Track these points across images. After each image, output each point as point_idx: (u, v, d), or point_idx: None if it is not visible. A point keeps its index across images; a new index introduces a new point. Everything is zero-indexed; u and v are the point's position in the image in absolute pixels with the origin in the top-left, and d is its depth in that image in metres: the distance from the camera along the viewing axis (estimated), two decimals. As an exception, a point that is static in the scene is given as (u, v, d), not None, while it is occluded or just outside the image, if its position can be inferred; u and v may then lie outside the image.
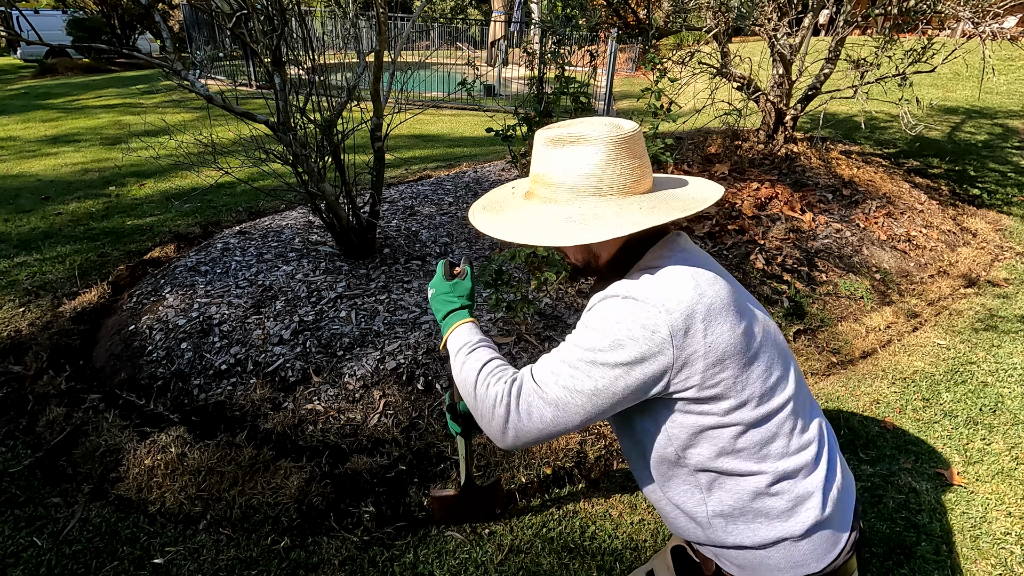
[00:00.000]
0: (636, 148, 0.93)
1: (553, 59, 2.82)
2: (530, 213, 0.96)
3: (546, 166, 0.95)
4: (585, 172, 0.91)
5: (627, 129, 0.92)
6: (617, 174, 0.91)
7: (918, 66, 4.12)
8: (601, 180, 0.91)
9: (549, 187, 0.95)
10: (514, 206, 1.00)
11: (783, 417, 0.92)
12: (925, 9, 3.85)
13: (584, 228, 0.89)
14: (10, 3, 7.96)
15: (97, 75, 12.99)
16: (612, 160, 0.91)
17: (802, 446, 0.94)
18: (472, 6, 25.80)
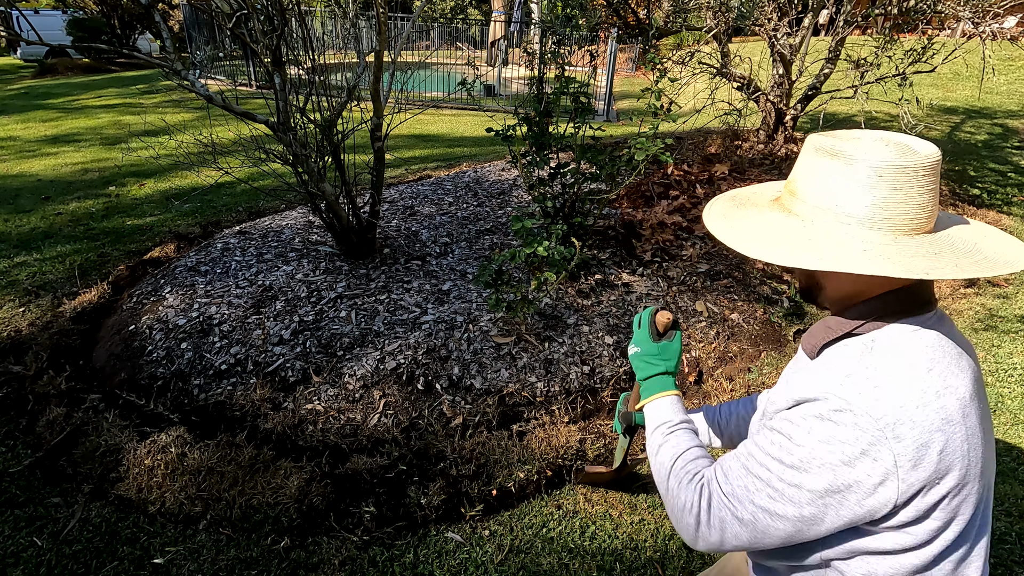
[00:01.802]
0: (907, 180, 0.75)
1: (553, 59, 2.82)
2: (761, 220, 0.85)
3: (799, 173, 0.83)
4: (832, 192, 0.78)
5: (899, 159, 0.74)
6: (868, 203, 0.75)
7: (918, 66, 4.12)
8: (845, 205, 0.77)
9: (792, 196, 0.84)
10: (756, 206, 0.90)
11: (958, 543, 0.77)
12: (925, 9, 3.85)
13: (790, 248, 0.78)
14: (10, 3, 7.96)
15: (97, 75, 12.99)
16: (867, 187, 0.75)
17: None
18: (472, 6, 25.81)
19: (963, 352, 0.79)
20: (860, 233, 0.76)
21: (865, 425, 0.71)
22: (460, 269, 2.96)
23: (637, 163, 2.64)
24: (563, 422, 2.10)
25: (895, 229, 0.76)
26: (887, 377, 0.73)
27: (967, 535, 0.76)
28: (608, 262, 3.07)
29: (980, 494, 0.76)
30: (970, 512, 0.75)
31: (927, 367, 0.74)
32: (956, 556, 0.77)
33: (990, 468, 0.79)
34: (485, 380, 2.24)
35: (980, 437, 0.75)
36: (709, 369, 2.51)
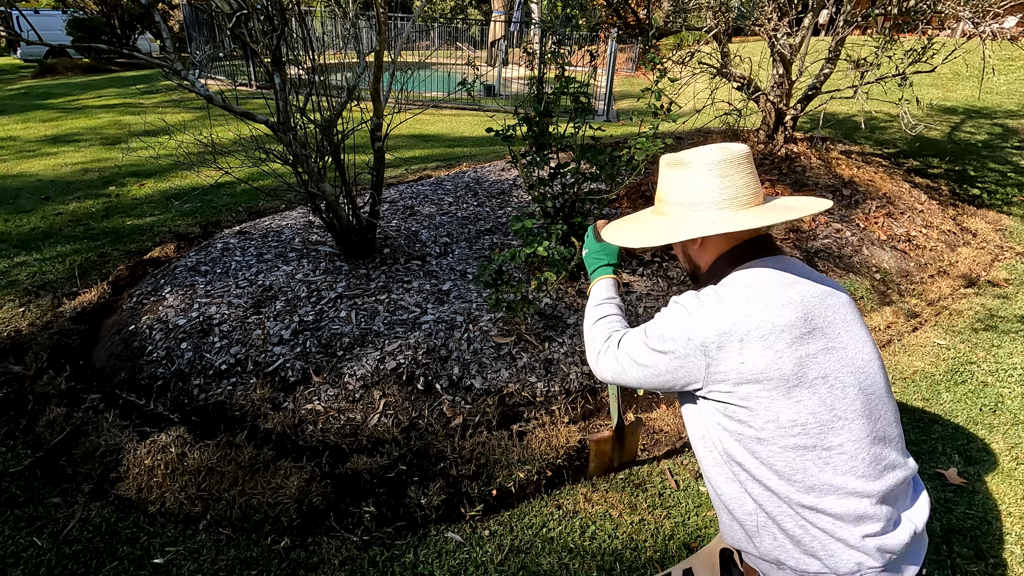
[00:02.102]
0: (728, 168, 1.04)
1: (553, 59, 2.81)
2: (642, 223, 1.16)
3: (660, 183, 1.13)
4: (684, 190, 1.07)
5: (719, 155, 1.04)
6: (708, 190, 1.04)
7: (918, 66, 4.12)
8: (694, 196, 1.06)
9: (660, 202, 1.13)
10: (639, 219, 1.20)
11: (838, 456, 0.93)
12: (925, 9, 3.85)
13: (665, 232, 1.07)
14: (10, 3, 7.96)
15: (97, 75, 12.99)
16: (703, 179, 1.05)
17: (862, 493, 0.92)
18: (472, 6, 25.80)
19: (798, 279, 1.01)
20: (710, 214, 1.05)
21: (688, 316, 1.00)
22: (460, 269, 2.96)
23: (637, 163, 2.64)
24: (563, 422, 2.10)
25: (732, 206, 1.04)
26: (719, 291, 1.02)
27: (832, 438, 0.93)
28: (608, 262, 3.07)
29: (831, 404, 0.93)
30: (826, 416, 0.93)
31: (746, 285, 0.99)
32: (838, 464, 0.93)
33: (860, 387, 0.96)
34: (485, 380, 2.24)
35: (805, 347, 0.94)
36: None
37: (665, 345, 1.01)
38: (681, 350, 0.98)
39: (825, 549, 0.93)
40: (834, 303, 1.00)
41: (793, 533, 0.95)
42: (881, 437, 0.96)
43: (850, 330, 0.99)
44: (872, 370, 0.98)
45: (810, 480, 0.93)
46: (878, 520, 0.92)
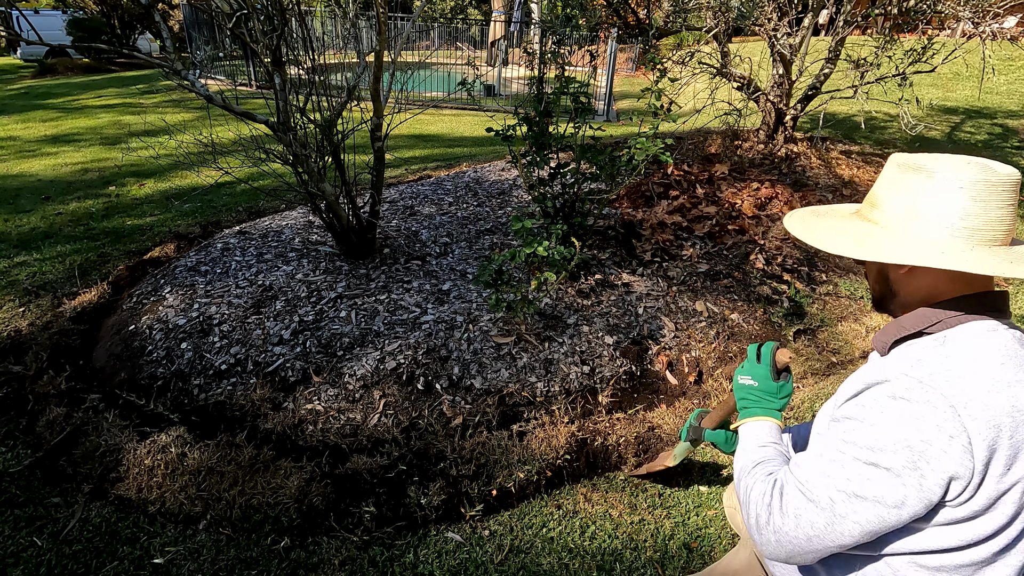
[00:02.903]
0: (985, 193, 0.79)
1: (553, 59, 2.82)
2: (842, 225, 0.91)
3: (881, 186, 0.89)
4: (913, 202, 0.82)
5: (979, 174, 0.78)
6: (947, 213, 0.79)
7: (918, 66, 4.12)
8: (926, 213, 0.81)
9: (872, 207, 0.89)
10: (835, 217, 0.95)
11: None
12: (925, 9, 3.85)
13: (874, 245, 0.82)
14: (10, 3, 7.96)
15: (97, 75, 12.99)
16: (946, 198, 0.79)
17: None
18: (472, 6, 25.80)
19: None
20: (939, 239, 0.80)
21: (938, 402, 0.71)
22: (460, 269, 2.96)
23: (637, 163, 2.64)
24: (563, 422, 2.10)
25: (972, 239, 0.79)
26: (959, 363, 0.74)
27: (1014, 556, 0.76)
28: (608, 262, 3.07)
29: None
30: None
31: (1000, 360, 0.75)
32: (1011, 554, 0.77)
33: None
34: (485, 380, 2.24)
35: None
36: (709, 369, 2.51)
37: (904, 457, 0.72)
38: (942, 455, 0.71)
39: None
40: None
41: None
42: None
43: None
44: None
45: None
46: None
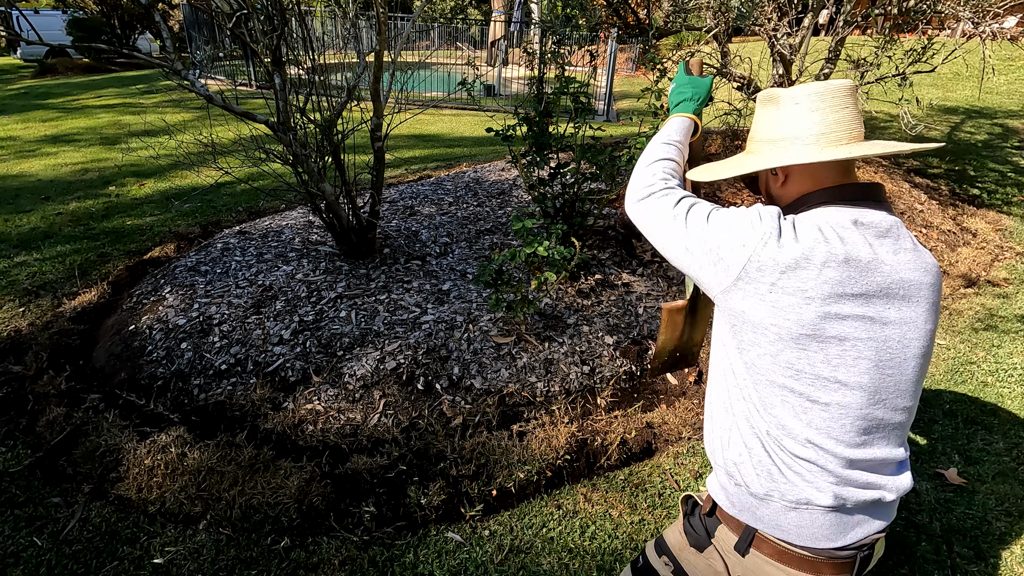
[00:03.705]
0: (820, 101, 0.97)
1: (553, 59, 2.81)
2: (728, 161, 1.12)
3: (753, 124, 1.10)
4: (772, 126, 1.03)
5: (812, 88, 0.98)
6: (795, 125, 0.99)
7: (918, 66, 4.12)
8: (782, 130, 1.01)
9: (750, 141, 1.10)
10: (729, 159, 1.14)
11: (820, 412, 0.92)
12: (925, 9, 3.85)
13: (746, 164, 1.03)
14: (10, 3, 7.96)
15: (97, 75, 12.99)
16: (789, 114, 0.99)
17: (830, 451, 0.92)
18: (472, 6, 25.80)
19: (881, 240, 0.93)
20: (794, 149, 0.99)
21: (758, 224, 0.93)
22: (460, 269, 2.96)
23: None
24: (563, 422, 2.10)
25: (820, 142, 0.97)
26: (789, 220, 0.95)
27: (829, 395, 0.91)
28: (608, 262, 3.07)
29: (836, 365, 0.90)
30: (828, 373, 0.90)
31: (818, 225, 0.92)
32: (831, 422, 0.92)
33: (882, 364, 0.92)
34: (485, 380, 2.24)
35: (841, 307, 0.89)
36: (709, 369, 2.51)
37: (718, 235, 0.95)
38: (727, 250, 0.93)
39: (782, 475, 0.95)
40: (909, 278, 0.92)
41: (756, 452, 0.98)
42: (877, 418, 0.93)
43: (905, 310, 0.92)
44: (903, 356, 0.92)
45: (783, 419, 0.94)
46: (836, 476, 0.93)
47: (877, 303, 0.91)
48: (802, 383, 0.91)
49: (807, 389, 0.92)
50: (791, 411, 0.93)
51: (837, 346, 0.90)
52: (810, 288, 0.88)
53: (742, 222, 0.95)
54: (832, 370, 0.90)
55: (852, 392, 0.91)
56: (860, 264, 0.90)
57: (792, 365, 0.91)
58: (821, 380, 0.91)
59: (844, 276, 0.89)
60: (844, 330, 0.89)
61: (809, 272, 0.88)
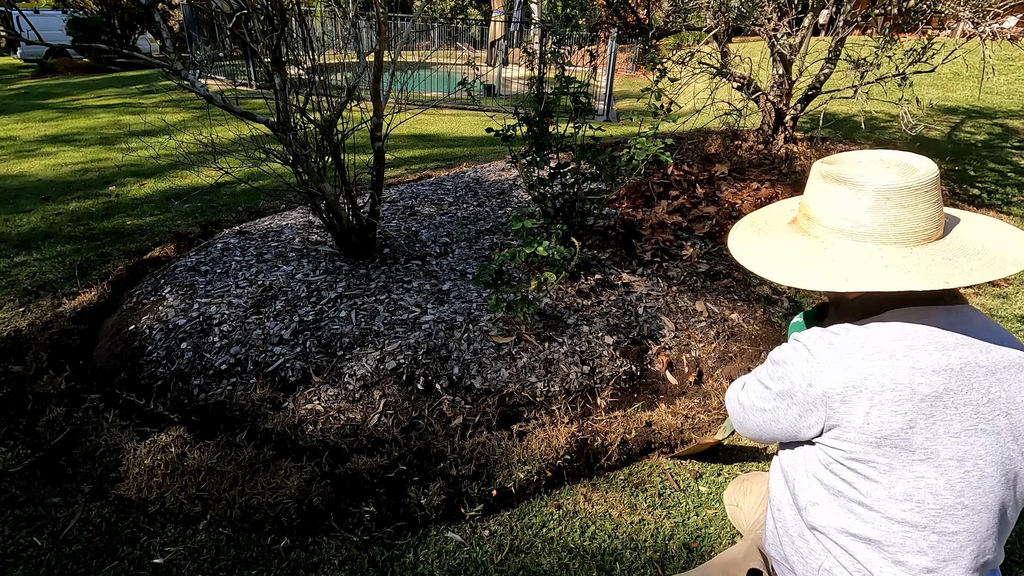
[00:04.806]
0: (912, 198, 0.84)
1: (553, 59, 2.81)
2: (783, 244, 0.96)
3: (812, 197, 0.93)
4: (844, 215, 0.87)
5: (901, 180, 0.84)
6: (880, 223, 0.85)
7: (918, 66, 4.12)
8: (861, 226, 0.86)
9: (808, 219, 0.95)
10: (775, 229, 1.01)
11: (948, 543, 0.84)
12: (925, 9, 3.85)
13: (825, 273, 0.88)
14: (10, 3, 7.96)
15: (97, 75, 12.99)
16: (876, 209, 0.85)
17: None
18: (472, 6, 25.80)
19: (968, 342, 0.84)
20: (877, 250, 0.85)
21: (811, 360, 0.86)
22: (460, 269, 2.96)
23: (637, 163, 2.64)
24: (563, 422, 2.10)
25: (909, 242, 0.85)
26: (848, 336, 0.85)
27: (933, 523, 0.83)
28: (608, 262, 3.07)
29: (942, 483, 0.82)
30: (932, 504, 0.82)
31: (895, 338, 0.83)
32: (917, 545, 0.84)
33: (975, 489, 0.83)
34: (485, 380, 2.24)
35: (947, 423, 0.81)
36: (709, 369, 2.51)
37: (779, 386, 0.90)
38: (800, 396, 0.87)
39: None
40: (1007, 378, 0.83)
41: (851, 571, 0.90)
42: (999, 532, 0.85)
43: (1015, 412, 0.83)
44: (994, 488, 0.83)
45: (903, 557, 0.85)
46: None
47: (983, 411, 0.82)
48: (925, 515, 0.83)
49: (932, 520, 0.84)
50: (915, 545, 0.85)
51: (957, 468, 0.82)
52: (908, 410, 0.81)
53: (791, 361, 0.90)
54: (956, 496, 0.83)
55: (981, 515, 0.84)
56: (954, 373, 0.81)
57: (911, 496, 0.84)
58: (946, 509, 0.83)
59: (940, 390, 0.81)
60: (961, 450, 0.82)
61: (899, 393, 0.81)
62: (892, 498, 0.83)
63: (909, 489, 0.82)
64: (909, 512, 0.83)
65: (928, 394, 0.80)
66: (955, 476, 0.82)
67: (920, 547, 0.84)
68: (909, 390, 0.80)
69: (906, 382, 0.80)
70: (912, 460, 0.82)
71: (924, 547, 0.84)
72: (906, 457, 0.82)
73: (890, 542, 0.85)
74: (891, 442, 0.81)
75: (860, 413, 0.82)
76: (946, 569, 0.84)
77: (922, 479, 0.82)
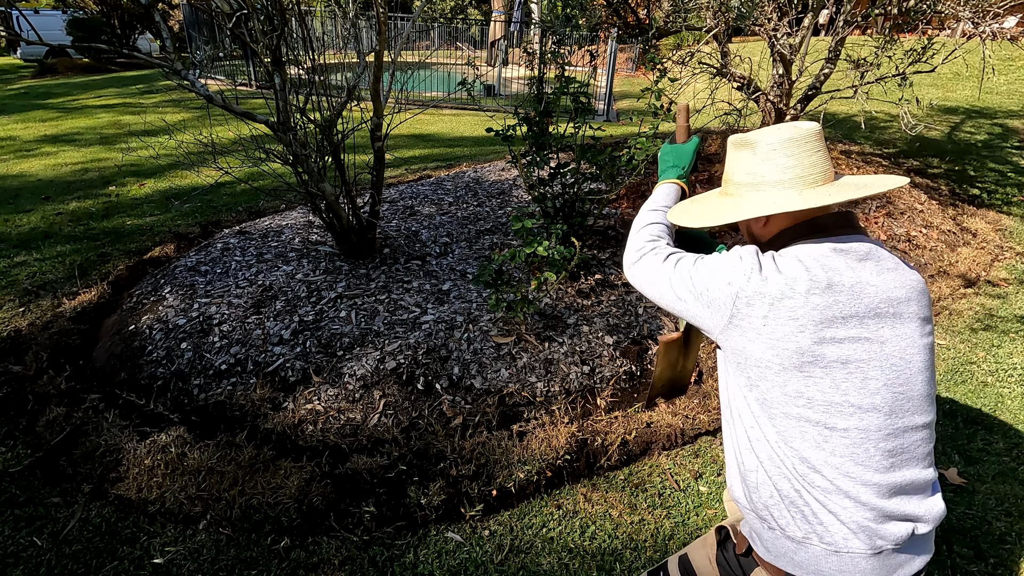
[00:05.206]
0: (795, 147, 1.03)
1: (553, 59, 2.81)
2: (710, 205, 1.16)
3: (727, 164, 1.14)
4: (749, 170, 1.07)
5: (785, 134, 1.04)
6: (772, 170, 1.04)
7: (918, 66, 4.12)
8: (760, 176, 1.06)
9: (726, 183, 1.14)
10: (706, 200, 1.19)
11: (840, 438, 0.93)
12: (925, 9, 3.85)
13: (729, 211, 1.07)
14: (10, 3, 7.96)
15: (97, 75, 12.99)
16: (768, 159, 1.04)
17: (859, 479, 0.92)
18: (472, 6, 25.79)
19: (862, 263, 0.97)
20: (774, 193, 1.04)
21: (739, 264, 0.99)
22: (460, 269, 2.96)
23: (637, 163, 2.64)
24: (563, 422, 2.10)
25: (797, 185, 1.03)
26: (769, 255, 1.00)
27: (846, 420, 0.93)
28: (608, 262, 3.07)
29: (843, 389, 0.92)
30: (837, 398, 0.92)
31: (798, 257, 0.97)
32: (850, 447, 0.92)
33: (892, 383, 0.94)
34: (485, 380, 2.24)
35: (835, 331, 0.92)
36: (709, 369, 2.51)
37: (704, 279, 1.01)
38: (715, 291, 0.99)
39: (816, 516, 0.94)
40: (896, 295, 0.96)
41: (787, 494, 0.97)
42: (898, 438, 0.94)
43: (899, 327, 0.95)
44: (908, 372, 0.95)
45: (806, 451, 0.94)
46: (871, 508, 0.92)
47: (870, 324, 0.94)
48: (815, 411, 0.93)
49: (822, 416, 0.93)
50: (812, 443, 0.94)
51: (841, 369, 0.92)
52: (800, 316, 0.92)
53: (725, 264, 1.01)
54: (842, 394, 0.92)
55: (868, 414, 0.93)
56: (844, 288, 0.94)
57: (802, 393, 0.93)
58: (834, 406, 0.92)
59: (831, 301, 0.93)
60: (844, 353, 0.93)
61: (796, 301, 0.93)
62: (786, 395, 0.94)
63: (799, 386, 0.93)
64: (802, 408, 0.94)
65: (820, 304, 0.93)
66: (839, 376, 0.92)
67: (816, 442, 0.93)
68: (803, 298, 0.93)
69: (802, 290, 0.93)
70: (801, 362, 0.93)
71: (820, 442, 0.93)
72: (795, 358, 0.93)
73: (791, 436, 0.95)
74: (782, 344, 0.93)
75: (759, 314, 0.94)
76: (845, 464, 0.92)
77: (810, 378, 0.93)
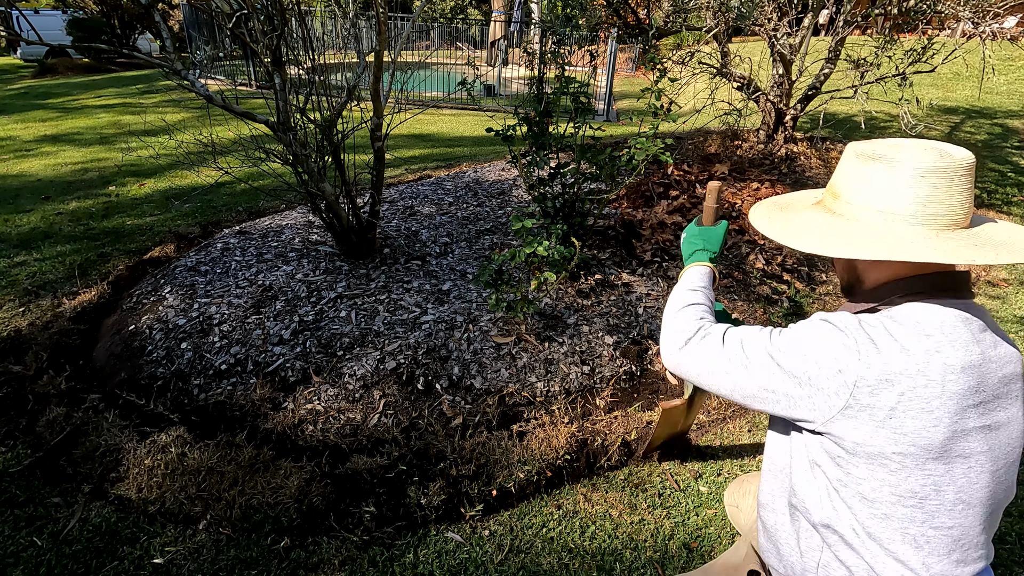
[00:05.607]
0: (946, 179, 0.83)
1: (553, 59, 2.81)
2: (807, 219, 0.95)
3: (842, 176, 0.92)
4: (876, 192, 0.86)
5: (939, 161, 0.83)
6: (911, 201, 0.84)
7: (918, 66, 4.12)
8: (891, 204, 0.85)
9: (834, 198, 0.93)
10: (796, 210, 1.00)
11: (942, 537, 0.84)
12: (925, 9, 3.85)
13: (843, 241, 0.86)
14: (10, 3, 7.96)
15: (97, 75, 12.99)
16: (910, 186, 0.84)
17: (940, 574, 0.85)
18: (472, 6, 25.79)
19: (982, 336, 0.83)
20: (905, 228, 0.84)
21: (846, 338, 0.82)
22: (460, 269, 2.96)
23: (637, 163, 2.64)
24: (563, 422, 2.10)
25: (936, 225, 0.84)
26: (881, 327, 0.82)
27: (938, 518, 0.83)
28: (608, 262, 3.07)
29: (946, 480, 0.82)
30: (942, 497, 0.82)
31: (924, 332, 0.81)
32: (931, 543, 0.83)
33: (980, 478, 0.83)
34: (485, 380, 2.24)
35: (965, 421, 0.81)
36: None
37: (800, 365, 0.84)
38: (823, 380, 0.82)
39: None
40: (1008, 373, 0.84)
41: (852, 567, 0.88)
42: (989, 527, 0.86)
43: (1010, 409, 0.84)
44: (1011, 458, 0.85)
45: (903, 554, 0.84)
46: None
47: (991, 409, 0.83)
48: (925, 511, 0.83)
49: (930, 517, 0.83)
50: (912, 544, 0.84)
51: (962, 464, 0.82)
52: (936, 408, 0.79)
53: (823, 341, 0.83)
54: (957, 491, 0.82)
55: (973, 510, 0.84)
56: (975, 370, 0.81)
57: (915, 493, 0.82)
58: (946, 505, 0.82)
59: (965, 388, 0.80)
60: (969, 446, 0.81)
61: (931, 391, 0.79)
62: (896, 495, 0.82)
63: (914, 486, 0.82)
64: (910, 508, 0.83)
65: (956, 392, 0.79)
66: (957, 473, 0.82)
67: (917, 542, 0.84)
68: (939, 387, 0.79)
69: (937, 379, 0.79)
70: (925, 458, 0.80)
71: (921, 542, 0.84)
72: (920, 455, 0.80)
73: (889, 538, 0.84)
74: (910, 440, 0.79)
75: (884, 407, 0.80)
76: (940, 564, 0.84)
77: (929, 476, 0.81)
